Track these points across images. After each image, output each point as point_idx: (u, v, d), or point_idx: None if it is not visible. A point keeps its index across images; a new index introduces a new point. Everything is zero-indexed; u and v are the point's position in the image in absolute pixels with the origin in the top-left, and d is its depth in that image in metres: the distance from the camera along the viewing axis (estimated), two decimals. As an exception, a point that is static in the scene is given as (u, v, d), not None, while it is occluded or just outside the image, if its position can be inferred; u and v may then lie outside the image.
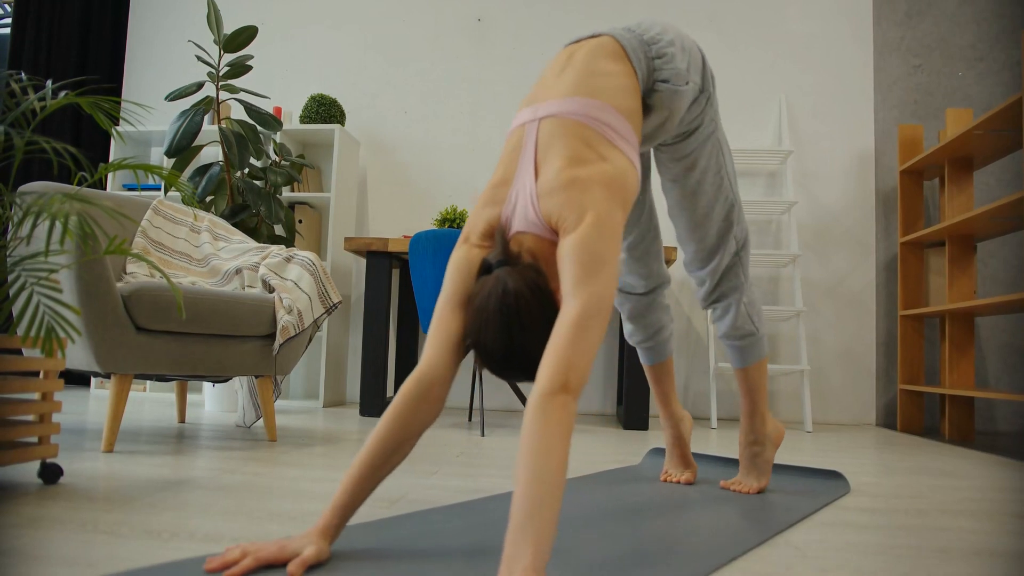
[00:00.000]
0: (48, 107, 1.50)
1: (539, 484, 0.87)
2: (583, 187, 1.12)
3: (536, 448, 0.90)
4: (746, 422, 1.68)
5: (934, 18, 3.91)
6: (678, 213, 1.56)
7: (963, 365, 3.20)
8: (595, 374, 3.94)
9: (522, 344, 1.06)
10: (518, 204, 1.17)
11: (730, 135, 3.99)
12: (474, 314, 1.09)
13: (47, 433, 1.50)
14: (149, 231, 2.57)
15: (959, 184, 3.24)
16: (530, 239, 1.15)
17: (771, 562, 1.13)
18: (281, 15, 4.38)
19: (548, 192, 1.13)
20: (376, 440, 1.07)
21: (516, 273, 1.08)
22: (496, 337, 1.06)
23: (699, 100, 1.43)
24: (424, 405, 1.10)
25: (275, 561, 0.98)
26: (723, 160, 1.52)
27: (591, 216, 1.08)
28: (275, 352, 2.28)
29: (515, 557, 0.83)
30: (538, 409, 0.94)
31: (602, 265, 1.05)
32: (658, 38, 1.35)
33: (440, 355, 1.12)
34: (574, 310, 1.01)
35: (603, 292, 1.03)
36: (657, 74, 1.34)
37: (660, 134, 1.41)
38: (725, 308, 1.62)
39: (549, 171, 1.15)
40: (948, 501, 1.71)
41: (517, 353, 1.06)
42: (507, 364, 1.08)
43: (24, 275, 1.31)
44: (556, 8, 4.14)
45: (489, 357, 1.08)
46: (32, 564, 0.99)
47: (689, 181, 1.51)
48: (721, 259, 1.58)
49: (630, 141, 1.23)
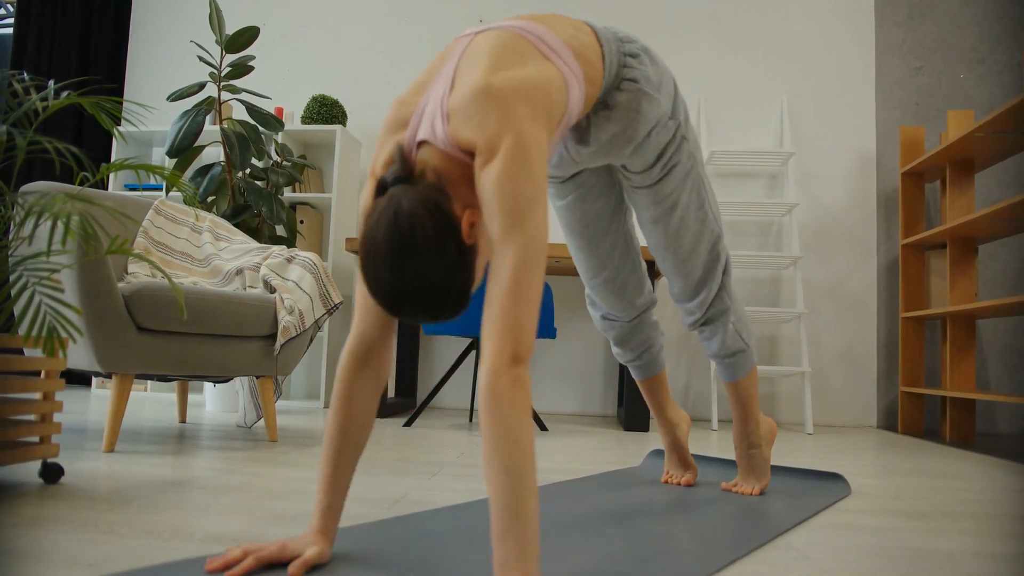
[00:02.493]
0: (50, 107, 1.50)
1: (514, 479, 0.84)
2: (499, 101, 0.98)
3: (501, 440, 0.85)
4: (740, 428, 1.68)
5: (935, 20, 3.91)
6: (662, 253, 1.50)
7: (964, 367, 3.20)
8: (595, 375, 3.94)
9: (417, 275, 0.91)
10: (425, 115, 1.04)
11: (731, 137, 3.99)
12: (363, 243, 0.95)
13: (48, 433, 1.50)
14: (151, 231, 2.57)
15: (960, 186, 3.24)
16: (436, 156, 1.01)
17: (772, 564, 1.13)
18: (282, 16, 4.38)
19: (460, 106, 1.00)
20: (329, 428, 1.06)
21: (413, 192, 0.94)
22: (386, 267, 0.92)
23: (667, 126, 1.33)
24: (364, 375, 1.07)
25: (276, 561, 0.98)
26: (705, 194, 1.45)
27: (510, 141, 0.95)
28: (276, 352, 2.28)
29: (507, 562, 0.82)
30: (492, 393, 0.87)
31: (530, 206, 0.94)
32: (631, 39, 1.28)
33: (369, 321, 1.06)
34: (508, 264, 0.91)
35: (536, 235, 0.93)
36: (626, 71, 1.25)
37: (618, 147, 1.30)
38: (713, 331, 1.58)
39: (465, 80, 1.02)
40: (949, 503, 1.71)
41: (412, 287, 0.92)
42: (402, 300, 0.93)
43: (26, 275, 1.32)
44: (557, 10, 4.14)
45: (380, 292, 0.94)
46: (33, 564, 0.99)
47: (672, 220, 1.43)
48: (709, 290, 1.53)
49: (572, 68, 1.12)
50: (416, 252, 0.91)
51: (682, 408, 3.85)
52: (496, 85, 0.99)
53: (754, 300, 3.90)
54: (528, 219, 0.93)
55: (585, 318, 3.99)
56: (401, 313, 0.94)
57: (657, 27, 4.07)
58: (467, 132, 0.99)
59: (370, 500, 1.50)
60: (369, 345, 1.07)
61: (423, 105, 1.05)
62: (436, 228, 0.92)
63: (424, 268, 0.91)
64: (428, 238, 0.91)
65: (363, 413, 1.07)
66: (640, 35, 4.07)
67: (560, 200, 1.52)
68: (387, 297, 0.93)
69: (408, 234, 0.91)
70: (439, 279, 0.92)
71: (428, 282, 0.92)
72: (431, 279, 0.92)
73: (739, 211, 3.82)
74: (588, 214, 1.51)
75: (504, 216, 0.93)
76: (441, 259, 0.92)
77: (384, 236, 0.92)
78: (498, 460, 0.85)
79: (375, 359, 1.07)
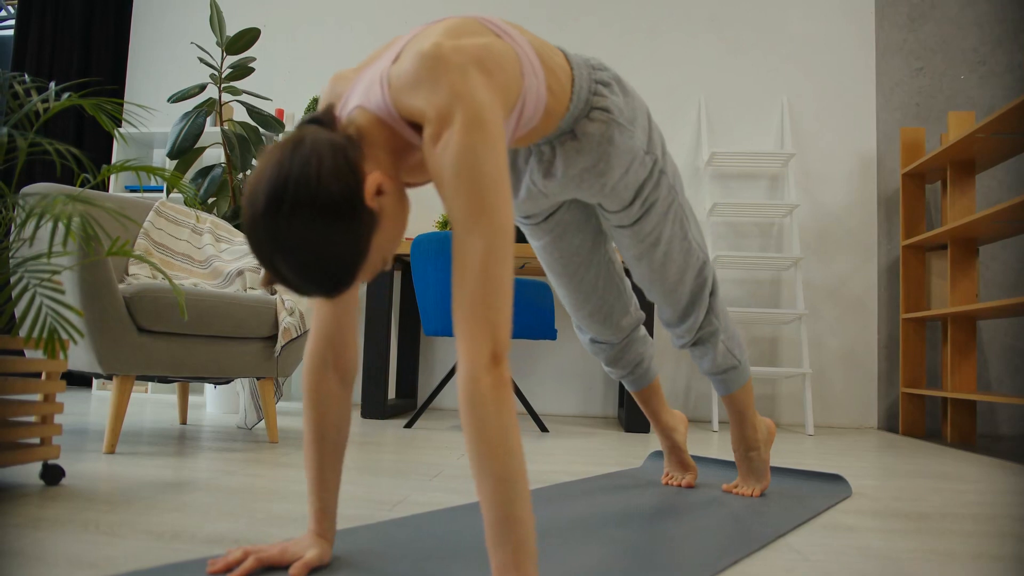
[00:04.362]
0: (51, 109, 1.50)
1: (507, 485, 0.81)
2: (451, 65, 0.89)
3: (489, 446, 0.81)
4: (737, 433, 1.68)
5: (936, 21, 3.91)
6: (648, 284, 1.46)
7: (965, 368, 3.20)
8: (596, 376, 3.94)
9: (297, 220, 0.80)
10: (362, 81, 0.97)
11: (732, 138, 3.99)
12: (251, 176, 0.85)
13: (49, 434, 1.50)
14: (151, 232, 2.57)
15: (961, 187, 3.24)
16: (365, 117, 0.93)
17: (773, 565, 1.13)
18: (283, 17, 4.38)
19: (405, 70, 0.91)
20: (305, 433, 1.06)
21: (324, 133, 0.86)
22: (265, 201, 0.81)
23: (644, 162, 1.26)
24: (328, 376, 1.04)
25: (277, 563, 0.98)
26: (687, 224, 1.40)
27: (465, 111, 0.86)
28: (277, 354, 2.28)
29: (505, 568, 0.81)
30: (475, 398, 0.82)
31: (494, 186, 0.86)
32: (603, 67, 1.21)
33: (323, 319, 1.04)
34: (476, 254, 0.84)
35: (503, 221, 0.86)
36: (596, 99, 1.17)
37: (589, 181, 1.22)
38: (704, 351, 1.57)
39: (412, 49, 0.93)
40: (950, 504, 1.71)
41: (289, 236, 0.80)
42: (273, 248, 0.82)
43: (27, 276, 1.32)
44: (558, 12, 4.15)
45: (253, 232, 0.82)
46: (34, 565, 0.99)
47: (656, 255, 1.39)
48: (697, 315, 1.51)
49: (532, 63, 1.05)
50: (302, 191, 0.80)
51: (682, 410, 3.85)
52: (447, 47, 0.90)
53: (755, 301, 3.90)
54: (492, 202, 0.85)
55: (586, 319, 3.98)
56: (272, 267, 0.83)
57: (658, 27, 4.07)
58: (412, 99, 0.90)
59: (371, 502, 1.50)
60: (327, 341, 1.04)
61: (362, 78, 0.98)
62: (334, 173, 0.82)
63: (306, 215, 0.80)
64: (321, 180, 0.81)
65: (335, 415, 1.05)
66: (640, 35, 4.07)
67: (537, 241, 1.47)
68: (256, 238, 0.82)
69: (300, 171, 0.81)
70: (320, 234, 0.81)
71: (307, 234, 0.80)
72: (311, 231, 0.80)
73: (740, 212, 3.81)
74: (567, 252, 1.47)
75: (466, 199, 0.85)
76: (329, 211, 0.81)
77: (273, 169, 0.82)
78: (488, 467, 0.81)
79: (337, 358, 1.05)
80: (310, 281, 0.83)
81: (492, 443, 0.81)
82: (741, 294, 3.91)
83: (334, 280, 0.84)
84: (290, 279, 0.84)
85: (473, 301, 0.83)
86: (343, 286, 0.86)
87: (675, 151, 4.01)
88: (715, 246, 3.90)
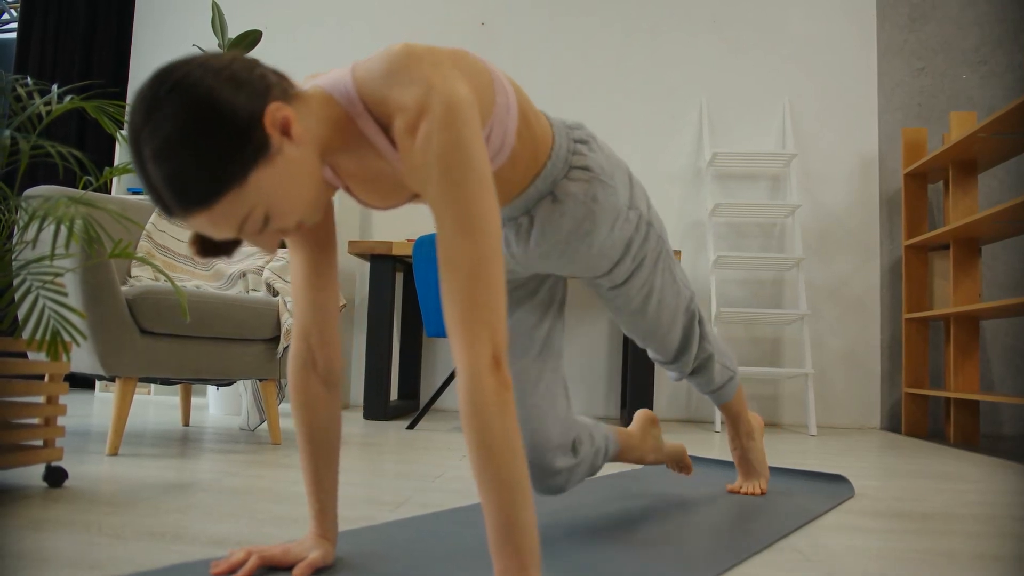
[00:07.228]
0: (53, 111, 1.50)
1: (510, 490, 0.80)
2: (420, 60, 0.87)
3: (492, 452, 0.80)
4: (732, 431, 1.71)
5: (938, 21, 3.91)
6: (644, 337, 1.41)
7: (968, 368, 3.20)
8: (598, 377, 3.94)
9: (172, 95, 0.76)
10: (330, 74, 0.94)
11: (733, 138, 3.99)
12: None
13: (52, 436, 1.50)
14: (154, 235, 2.58)
15: (963, 187, 3.24)
16: (318, 92, 0.90)
17: (775, 566, 1.13)
18: (284, 18, 4.39)
19: (374, 61, 0.89)
20: (297, 437, 1.07)
21: (250, 60, 0.83)
22: (154, 73, 0.78)
23: (628, 218, 1.21)
24: (313, 379, 1.05)
25: (280, 564, 0.98)
26: (673, 266, 1.36)
27: (442, 107, 0.83)
28: (279, 355, 2.29)
29: (508, 574, 0.80)
30: (478, 403, 0.80)
31: (480, 184, 0.83)
32: (579, 125, 1.18)
33: (301, 317, 1.04)
34: (467, 254, 0.82)
35: (490, 219, 0.83)
36: (576, 159, 1.12)
37: (575, 244, 1.17)
38: (702, 377, 1.55)
39: (379, 51, 0.91)
40: (952, 505, 1.71)
41: (157, 114, 0.76)
42: (138, 117, 0.77)
43: (30, 278, 1.32)
44: (559, 13, 4.15)
45: (132, 103, 0.79)
46: (36, 566, 0.99)
47: (650, 307, 1.34)
48: (691, 351, 1.48)
49: (507, 92, 1.00)
50: (195, 76, 0.77)
51: (683, 412, 3.85)
52: (419, 46, 0.89)
53: (757, 302, 3.90)
54: (480, 201, 0.83)
55: (587, 320, 3.99)
56: (136, 149, 0.78)
57: (659, 28, 4.07)
58: (382, 88, 0.87)
59: (373, 503, 1.50)
60: (307, 341, 1.04)
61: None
62: (236, 79, 0.79)
63: (187, 99, 0.76)
64: (219, 76, 0.78)
65: (324, 418, 1.06)
66: (641, 36, 4.07)
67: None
68: (131, 110, 0.78)
69: (203, 62, 0.79)
70: (193, 126, 0.76)
71: (180, 120, 0.76)
72: (186, 119, 0.76)
73: (741, 213, 3.81)
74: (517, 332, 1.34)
75: (453, 199, 0.83)
76: (213, 108, 0.76)
77: (183, 59, 0.79)
78: (491, 472, 0.80)
79: (319, 360, 1.05)
80: (167, 182, 0.77)
81: (495, 448, 0.80)
82: (743, 295, 3.91)
83: (195, 192, 0.78)
84: (149, 172, 0.78)
85: (467, 303, 0.81)
86: (201, 205, 0.79)
87: (676, 152, 4.01)
88: (716, 247, 3.91)
